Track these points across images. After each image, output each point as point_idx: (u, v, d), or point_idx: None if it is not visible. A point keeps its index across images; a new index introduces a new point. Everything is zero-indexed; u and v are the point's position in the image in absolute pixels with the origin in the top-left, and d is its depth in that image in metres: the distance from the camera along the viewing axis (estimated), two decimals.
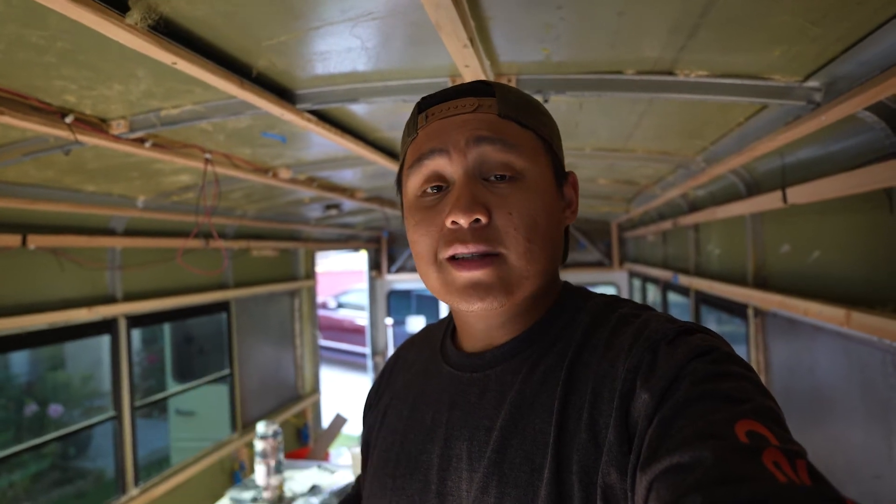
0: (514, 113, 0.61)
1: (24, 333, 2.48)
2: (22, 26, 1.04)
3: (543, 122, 0.65)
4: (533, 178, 0.60)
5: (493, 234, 0.57)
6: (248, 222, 3.78)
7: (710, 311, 3.24)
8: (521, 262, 0.58)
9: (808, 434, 2.05)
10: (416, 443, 0.65)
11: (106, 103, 1.51)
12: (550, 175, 0.63)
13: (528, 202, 0.58)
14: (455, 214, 0.56)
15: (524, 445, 0.55)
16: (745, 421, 0.40)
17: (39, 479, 3.20)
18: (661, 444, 0.42)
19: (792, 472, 0.35)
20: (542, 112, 0.66)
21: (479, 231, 0.57)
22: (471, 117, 0.61)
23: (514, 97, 0.63)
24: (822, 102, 1.31)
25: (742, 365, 0.48)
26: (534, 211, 0.58)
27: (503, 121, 0.61)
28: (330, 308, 11.25)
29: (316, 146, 2.26)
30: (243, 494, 3.12)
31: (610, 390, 0.51)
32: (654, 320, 0.55)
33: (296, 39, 1.21)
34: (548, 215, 0.60)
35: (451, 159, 0.60)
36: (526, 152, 0.60)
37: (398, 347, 0.85)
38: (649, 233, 4.50)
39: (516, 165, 0.59)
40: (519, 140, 0.60)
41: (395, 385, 0.77)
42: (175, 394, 3.90)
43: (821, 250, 1.87)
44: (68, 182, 2.29)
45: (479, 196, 0.58)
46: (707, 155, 2.17)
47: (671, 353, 0.49)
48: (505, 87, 0.64)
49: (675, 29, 1.12)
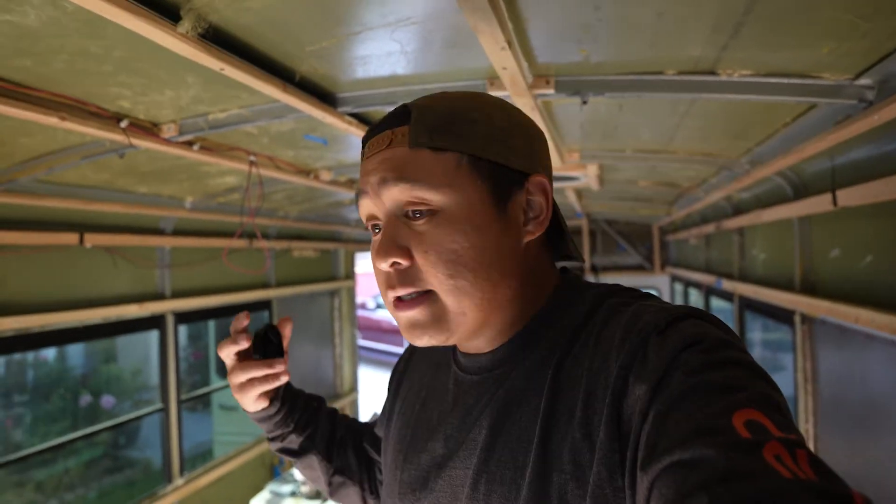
0: (426, 138, 0.56)
1: (81, 327, 2.62)
2: (84, 37, 1.11)
3: (473, 133, 0.58)
4: (451, 210, 0.56)
5: (416, 275, 0.56)
6: (290, 223, 3.88)
7: (754, 318, 3.14)
8: (451, 299, 0.56)
9: (860, 445, 1.97)
10: (422, 440, 0.67)
11: (158, 108, 1.59)
12: (483, 195, 0.57)
13: (444, 238, 0.55)
14: (375, 259, 0.57)
15: (510, 444, 0.55)
16: (742, 411, 0.39)
17: (92, 466, 3.36)
18: (659, 442, 0.41)
19: (794, 465, 0.34)
20: (473, 120, 0.58)
21: (402, 273, 0.57)
22: (382, 156, 0.58)
23: (431, 117, 0.58)
24: (874, 101, 1.26)
25: (736, 348, 0.47)
26: (453, 245, 0.55)
27: (413, 152, 0.57)
28: (368, 308, 11.40)
29: (356, 148, 2.30)
30: (282, 488, 3.20)
31: (603, 388, 0.50)
32: (644, 311, 0.52)
33: (337, 44, 1.24)
34: (480, 242, 0.56)
35: (374, 202, 0.59)
36: (441, 182, 0.56)
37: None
38: (692, 236, 4.39)
39: (429, 200, 0.56)
40: (432, 171, 0.56)
41: (413, 373, 0.80)
42: (218, 389, 4.03)
43: (873, 255, 1.79)
44: (122, 184, 2.41)
45: (397, 238, 0.56)
46: (752, 157, 2.11)
47: (662, 345, 0.47)
48: (423, 108, 0.58)
49: (717, 27, 1.10)
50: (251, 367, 0.76)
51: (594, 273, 5.67)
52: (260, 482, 3.76)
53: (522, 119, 0.63)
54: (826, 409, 2.23)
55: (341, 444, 0.90)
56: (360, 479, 0.89)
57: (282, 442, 0.85)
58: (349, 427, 0.93)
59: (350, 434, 0.91)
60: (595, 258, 5.77)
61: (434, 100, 0.60)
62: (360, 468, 0.89)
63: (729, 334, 0.50)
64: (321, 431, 0.88)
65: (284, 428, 0.84)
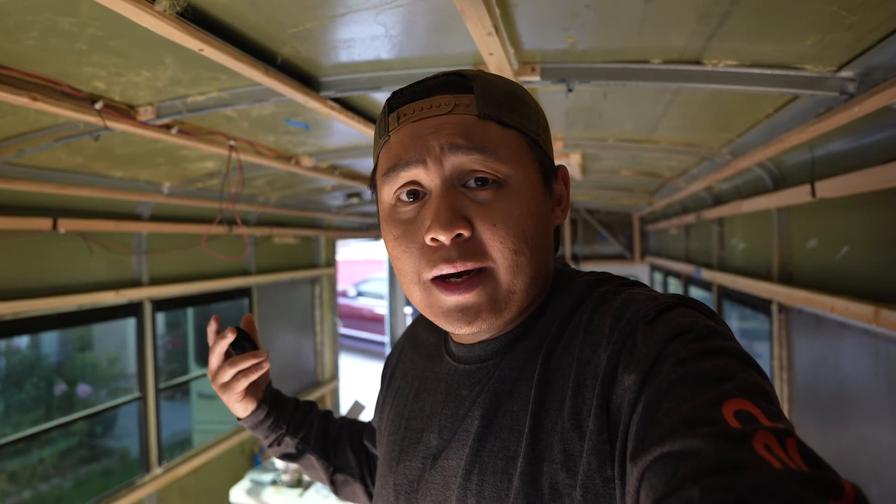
0: (495, 111, 0.56)
1: (55, 315, 2.55)
2: (55, 13, 1.07)
3: (529, 117, 0.59)
4: (517, 184, 0.56)
5: (479, 248, 0.54)
6: (271, 209, 3.82)
7: (733, 307, 3.19)
8: (508, 276, 0.55)
9: (832, 432, 2.02)
10: (416, 430, 0.67)
11: (134, 90, 1.54)
12: (537, 176, 0.59)
13: (513, 211, 0.54)
14: (435, 230, 0.53)
15: (502, 433, 0.55)
16: (732, 401, 0.39)
17: (68, 455, 3.30)
18: (648, 432, 0.41)
19: (784, 455, 0.34)
20: (528, 104, 0.61)
21: (463, 246, 0.54)
22: (446, 120, 0.55)
23: (496, 91, 0.58)
24: (855, 93, 1.27)
25: (724, 336, 0.47)
26: (520, 220, 0.55)
27: (483, 122, 0.56)
28: (350, 296, 11.35)
29: (338, 134, 2.27)
30: (263, 476, 3.18)
31: (593, 377, 0.50)
32: (633, 300, 0.52)
33: (320, 27, 1.21)
34: (535, 221, 0.56)
35: (427, 169, 0.55)
36: (509, 156, 0.56)
37: (415, 320, 0.86)
38: (672, 226, 4.43)
39: (499, 172, 0.55)
40: (501, 144, 0.56)
41: (405, 364, 0.80)
42: (198, 377, 3.98)
43: (850, 246, 1.82)
44: (97, 168, 2.34)
45: (459, 208, 0.54)
46: (733, 147, 2.13)
47: (651, 335, 0.47)
48: (485, 80, 0.58)
49: (704, 17, 1.09)
50: (237, 360, 0.78)
51: (575, 262, 5.71)
52: (240, 471, 3.74)
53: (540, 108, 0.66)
54: (801, 395, 2.28)
55: (337, 443, 0.92)
56: (362, 476, 0.91)
57: (279, 446, 0.89)
58: (345, 427, 0.95)
59: (346, 433, 0.94)
60: (576, 247, 5.81)
61: (490, 75, 0.60)
62: (359, 465, 0.91)
63: (718, 323, 0.50)
64: (315, 432, 0.91)
65: (278, 430, 0.87)
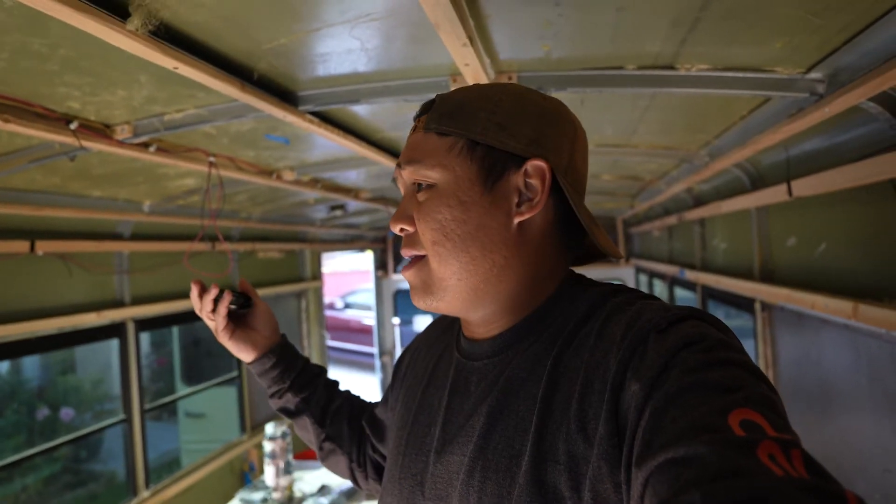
0: (435, 124, 0.64)
1: (34, 338, 2.50)
2: (25, 34, 1.05)
3: (474, 120, 0.62)
4: (443, 185, 0.63)
5: (417, 240, 0.65)
6: (254, 224, 3.79)
7: (717, 306, 3.22)
8: (434, 264, 0.63)
9: (816, 428, 2.04)
10: (423, 425, 0.69)
11: (109, 109, 1.52)
12: (471, 174, 0.62)
13: (433, 208, 0.62)
14: (391, 225, 0.67)
15: (507, 432, 0.57)
16: (738, 410, 0.39)
17: (52, 482, 3.23)
18: (654, 438, 0.41)
19: (787, 464, 0.34)
20: (480, 107, 0.63)
21: (407, 238, 0.66)
22: (411, 138, 0.67)
23: (447, 105, 0.65)
24: (825, 94, 1.30)
25: (734, 349, 0.48)
26: (439, 215, 0.62)
27: (426, 135, 0.65)
28: (337, 308, 11.27)
29: (319, 147, 2.26)
30: (253, 495, 3.13)
31: (601, 382, 0.50)
32: (647, 310, 0.54)
33: (296, 41, 1.21)
34: (459, 217, 0.62)
35: (400, 178, 0.68)
36: (437, 162, 0.63)
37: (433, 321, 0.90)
38: (655, 228, 4.48)
39: (428, 177, 0.63)
40: (432, 152, 0.63)
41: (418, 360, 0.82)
42: (184, 396, 3.92)
43: (827, 243, 1.86)
44: (74, 188, 2.31)
45: (406, 209, 0.66)
46: (711, 149, 2.16)
47: (661, 343, 0.48)
48: (443, 98, 0.66)
49: (676, 22, 1.11)
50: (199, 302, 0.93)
51: None
52: (230, 490, 3.67)
53: (544, 108, 0.65)
54: (786, 391, 2.30)
55: (336, 414, 0.94)
56: (350, 450, 0.93)
57: (279, 399, 0.92)
58: (349, 400, 0.97)
59: (348, 406, 0.96)
60: None
61: (458, 91, 0.68)
62: (351, 440, 0.93)
63: (729, 336, 0.51)
64: (317, 397, 0.94)
65: (281, 384, 0.91)
